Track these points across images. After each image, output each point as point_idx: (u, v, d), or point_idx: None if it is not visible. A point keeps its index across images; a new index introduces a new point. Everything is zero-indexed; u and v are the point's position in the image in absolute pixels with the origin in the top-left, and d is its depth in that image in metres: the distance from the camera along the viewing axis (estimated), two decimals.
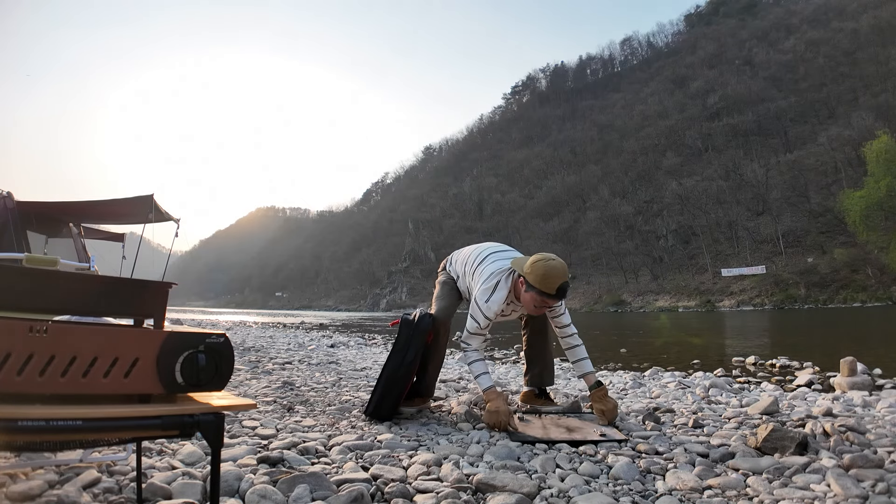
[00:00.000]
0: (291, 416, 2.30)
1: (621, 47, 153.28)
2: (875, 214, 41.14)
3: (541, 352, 2.63)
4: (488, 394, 2.24)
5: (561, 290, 2.16)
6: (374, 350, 7.42)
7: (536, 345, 2.65)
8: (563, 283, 2.16)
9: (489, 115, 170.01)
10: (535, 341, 2.65)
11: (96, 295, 0.97)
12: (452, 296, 2.62)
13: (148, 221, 6.33)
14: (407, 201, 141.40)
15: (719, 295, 55.62)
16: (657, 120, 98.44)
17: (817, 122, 75.71)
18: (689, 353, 7.72)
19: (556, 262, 2.19)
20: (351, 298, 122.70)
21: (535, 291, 2.17)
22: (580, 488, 1.48)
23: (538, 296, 2.17)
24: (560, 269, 2.17)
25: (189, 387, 0.92)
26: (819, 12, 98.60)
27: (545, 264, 2.17)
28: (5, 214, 5.30)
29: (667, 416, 2.49)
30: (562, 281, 2.16)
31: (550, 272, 2.15)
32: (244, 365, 4.38)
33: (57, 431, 0.77)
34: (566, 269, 2.20)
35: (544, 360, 2.62)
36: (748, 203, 69.03)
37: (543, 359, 2.62)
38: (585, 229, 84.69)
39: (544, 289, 2.14)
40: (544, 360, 2.62)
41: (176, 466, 1.49)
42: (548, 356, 2.63)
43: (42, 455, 1.38)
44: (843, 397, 3.29)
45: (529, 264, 2.21)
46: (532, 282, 2.17)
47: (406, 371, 2.27)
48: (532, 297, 2.20)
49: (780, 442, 1.79)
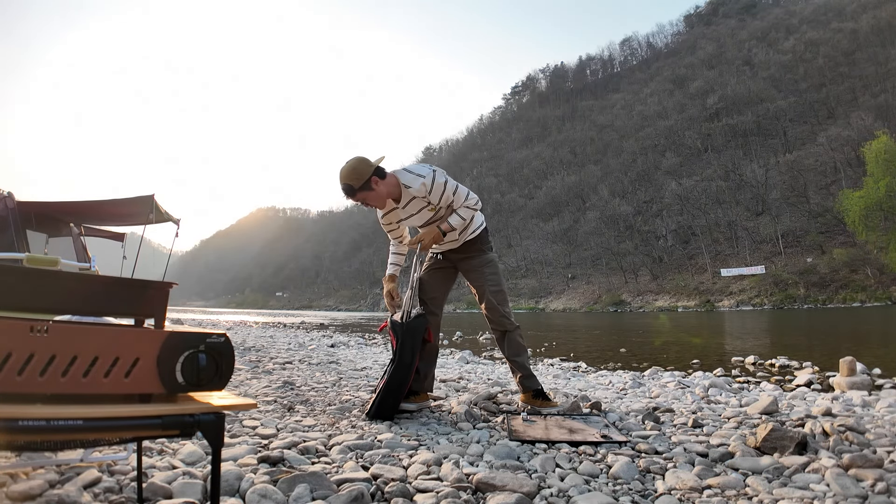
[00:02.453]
0: (292, 416, 2.30)
1: (621, 48, 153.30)
2: (874, 214, 41.15)
3: (511, 359, 2.63)
4: (385, 279, 2.68)
5: (344, 192, 2.32)
6: (375, 350, 7.42)
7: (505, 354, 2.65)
8: (341, 187, 2.32)
9: (489, 115, 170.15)
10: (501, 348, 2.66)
11: (97, 295, 0.97)
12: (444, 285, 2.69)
13: (148, 222, 6.33)
14: None
15: (719, 295, 55.64)
16: (657, 120, 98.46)
17: (817, 122, 75.74)
18: (688, 353, 7.72)
19: (345, 163, 2.31)
20: (351, 298, 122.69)
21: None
22: (580, 488, 1.48)
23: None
24: (341, 171, 2.30)
25: (190, 386, 0.93)
26: (819, 13, 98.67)
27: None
28: (6, 214, 5.30)
29: (666, 415, 2.49)
30: (341, 184, 2.31)
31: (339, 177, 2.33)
32: (245, 365, 4.38)
33: (58, 431, 0.77)
34: (346, 170, 2.28)
35: (516, 370, 2.62)
36: (748, 203, 69.06)
37: (516, 370, 2.62)
38: (585, 229, 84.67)
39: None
40: (516, 370, 2.62)
41: (176, 466, 1.49)
42: (517, 365, 2.61)
43: (43, 455, 1.38)
44: (843, 397, 3.29)
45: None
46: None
47: (406, 374, 2.28)
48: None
49: (779, 442, 1.79)
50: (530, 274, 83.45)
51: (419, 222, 2.53)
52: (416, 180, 2.35)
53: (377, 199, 2.36)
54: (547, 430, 2.10)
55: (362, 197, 2.31)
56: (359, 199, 2.32)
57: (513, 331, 2.62)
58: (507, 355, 2.64)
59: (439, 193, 2.37)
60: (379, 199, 2.36)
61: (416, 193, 2.36)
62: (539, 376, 2.72)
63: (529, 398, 2.58)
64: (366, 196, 2.32)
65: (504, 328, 2.62)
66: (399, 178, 2.36)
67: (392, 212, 2.49)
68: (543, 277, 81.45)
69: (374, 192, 2.31)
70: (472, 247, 2.65)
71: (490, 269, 2.64)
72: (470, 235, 2.63)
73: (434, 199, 2.39)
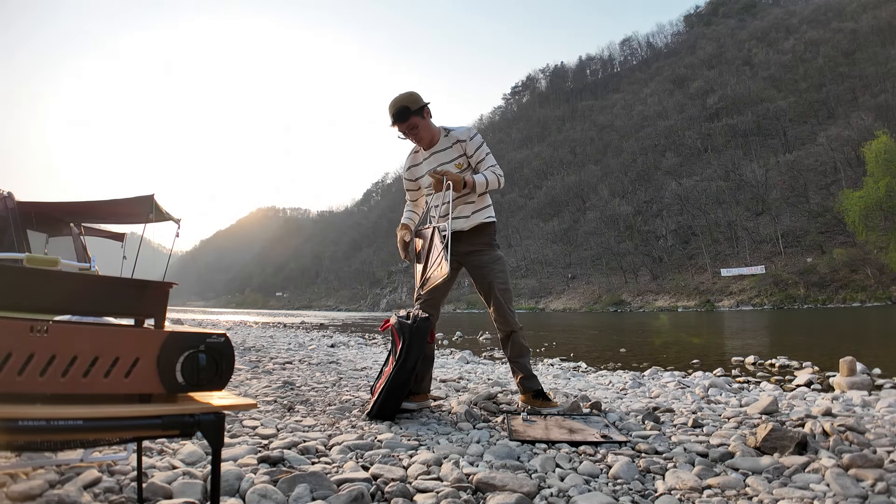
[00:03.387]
0: (292, 416, 2.30)
1: (621, 48, 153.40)
2: (874, 214, 41.18)
3: (514, 360, 2.62)
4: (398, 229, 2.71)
5: (395, 116, 2.40)
6: (375, 350, 7.42)
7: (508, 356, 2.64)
8: (393, 109, 2.40)
9: (489, 115, 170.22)
10: (505, 349, 2.65)
11: (97, 295, 0.97)
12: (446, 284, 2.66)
13: (148, 221, 6.33)
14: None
15: (719, 295, 55.67)
16: (657, 120, 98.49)
17: (816, 122, 75.77)
18: (688, 353, 7.72)
19: (394, 96, 2.44)
20: (351, 298, 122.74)
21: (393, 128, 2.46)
22: (580, 488, 1.48)
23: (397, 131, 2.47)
24: (393, 99, 2.42)
25: (189, 386, 0.93)
26: (818, 13, 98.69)
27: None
28: (6, 214, 5.30)
29: (666, 415, 2.49)
30: (393, 108, 2.40)
31: (388, 105, 2.42)
32: (244, 365, 4.38)
33: (58, 431, 0.77)
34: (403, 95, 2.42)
35: (518, 371, 2.61)
36: (747, 203, 69.08)
37: (518, 370, 2.61)
38: (585, 229, 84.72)
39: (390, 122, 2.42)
40: (518, 371, 2.61)
41: (176, 466, 1.49)
42: (520, 366, 2.60)
43: (43, 455, 1.38)
44: (843, 397, 3.29)
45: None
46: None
47: (409, 375, 2.27)
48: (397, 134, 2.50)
49: (779, 441, 1.79)
50: (530, 274, 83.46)
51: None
52: (462, 127, 2.54)
53: (426, 129, 2.47)
54: (547, 430, 2.10)
55: (414, 122, 2.42)
56: (410, 124, 2.42)
57: (518, 332, 2.60)
58: (509, 356, 2.63)
59: (476, 146, 2.52)
60: (427, 129, 2.47)
61: (459, 136, 2.49)
62: (539, 376, 2.72)
63: (529, 398, 2.57)
64: (417, 123, 2.42)
65: (511, 328, 2.58)
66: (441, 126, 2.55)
67: (422, 162, 2.58)
68: (543, 277, 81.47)
69: (425, 121, 2.45)
70: (481, 237, 2.59)
71: (499, 267, 2.59)
72: (483, 219, 2.59)
73: (470, 150, 2.51)
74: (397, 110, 2.39)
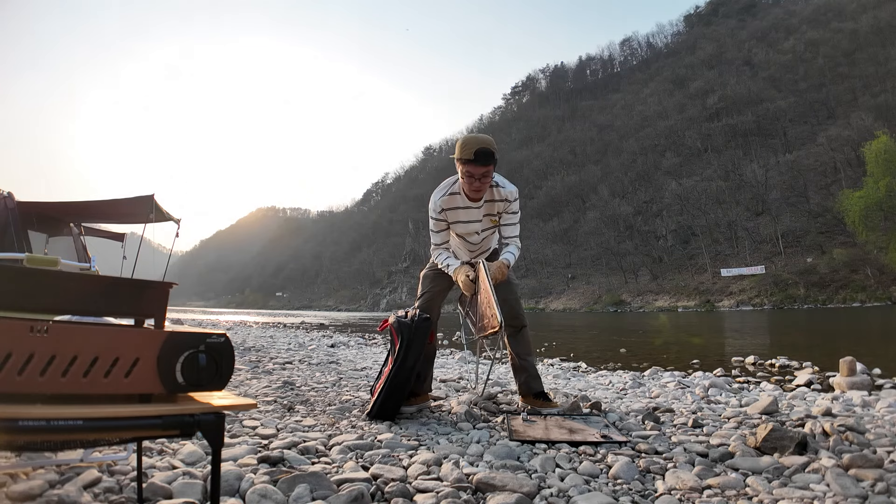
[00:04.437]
0: (292, 416, 2.30)
1: (621, 48, 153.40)
2: (874, 214, 41.19)
3: (523, 357, 2.63)
4: (455, 271, 2.45)
5: (479, 154, 2.16)
6: (374, 350, 7.42)
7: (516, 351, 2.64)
8: (480, 147, 2.16)
9: (489, 115, 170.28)
10: (513, 344, 2.65)
11: (97, 295, 0.97)
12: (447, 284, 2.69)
13: (148, 221, 6.33)
14: (407, 201, 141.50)
15: (719, 295, 55.67)
16: (657, 120, 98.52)
17: (816, 122, 75.77)
18: (688, 353, 7.72)
19: (475, 134, 2.27)
20: (351, 298, 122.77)
21: (461, 163, 2.22)
22: (580, 488, 1.48)
23: (463, 167, 2.23)
24: (477, 136, 2.22)
25: (190, 386, 0.93)
26: (818, 13, 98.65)
27: (465, 135, 2.26)
28: (6, 214, 5.30)
29: (666, 415, 2.49)
30: (479, 146, 2.17)
31: (468, 140, 2.21)
32: (244, 365, 4.38)
33: (58, 431, 0.77)
34: (489, 138, 2.24)
35: (525, 368, 2.62)
36: (747, 203, 69.09)
37: (525, 368, 2.62)
38: (585, 229, 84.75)
39: (463, 155, 2.19)
40: (525, 368, 2.62)
41: (176, 466, 1.49)
42: (528, 363, 2.62)
43: (43, 455, 1.37)
44: (843, 397, 3.29)
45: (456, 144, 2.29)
46: (456, 155, 2.24)
47: (408, 375, 2.27)
48: (462, 171, 2.27)
49: (779, 442, 1.79)
50: (530, 274, 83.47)
51: (475, 228, 2.51)
52: (510, 185, 2.42)
53: (489, 177, 2.31)
54: (547, 431, 2.10)
55: (491, 170, 2.29)
56: (488, 171, 2.26)
57: (527, 326, 2.66)
58: (518, 352, 2.63)
59: (515, 209, 2.46)
60: (489, 177, 2.31)
61: (505, 196, 2.40)
62: (540, 377, 2.72)
63: (530, 398, 2.57)
64: (490, 170, 2.27)
65: (522, 323, 2.64)
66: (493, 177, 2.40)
67: (460, 209, 2.44)
68: (543, 277, 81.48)
69: (493, 169, 2.31)
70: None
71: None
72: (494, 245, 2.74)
73: (509, 210, 2.44)
74: (486, 151, 2.17)
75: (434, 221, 2.47)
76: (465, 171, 2.24)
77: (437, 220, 2.45)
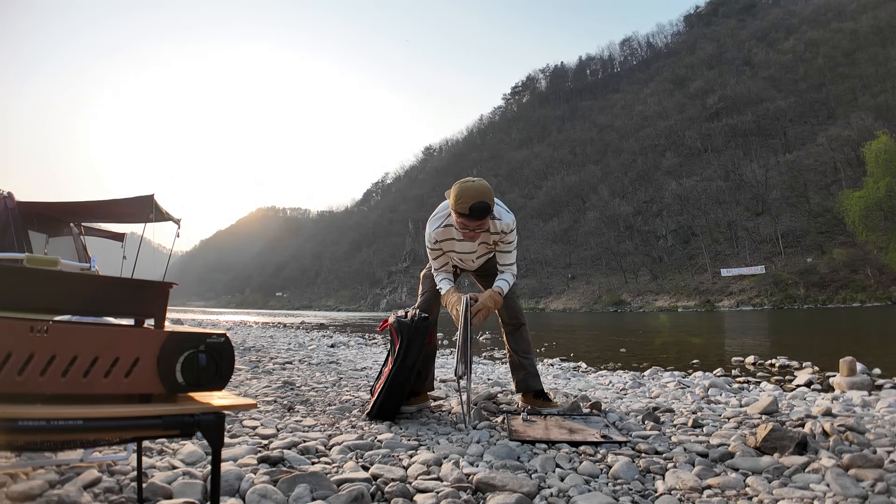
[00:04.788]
0: (292, 416, 2.30)
1: (621, 48, 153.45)
2: (874, 214, 41.20)
3: (523, 355, 2.63)
4: (445, 296, 2.42)
5: (474, 210, 2.10)
6: (374, 350, 7.42)
7: (514, 349, 2.64)
8: (475, 203, 2.09)
9: (489, 115, 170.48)
10: (511, 342, 2.65)
11: (97, 295, 0.97)
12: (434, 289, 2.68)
13: (148, 221, 6.34)
14: (407, 201, 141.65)
15: (719, 295, 55.67)
16: (657, 120, 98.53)
17: (816, 122, 75.77)
18: (688, 353, 7.72)
19: (472, 182, 2.15)
20: (351, 298, 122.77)
21: (456, 213, 2.18)
22: (580, 488, 1.48)
23: (458, 218, 2.19)
24: (473, 188, 2.12)
25: (190, 386, 0.93)
26: (818, 13, 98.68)
27: (460, 185, 2.16)
28: (6, 214, 5.30)
29: (666, 415, 2.49)
30: (474, 200, 2.09)
31: (463, 192, 2.12)
32: (244, 365, 4.38)
33: (58, 431, 0.77)
34: (485, 189, 2.12)
35: (524, 366, 2.62)
36: (747, 203, 69.09)
37: (523, 366, 2.62)
38: (585, 229, 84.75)
39: (458, 209, 2.14)
40: (524, 366, 2.62)
41: (176, 466, 1.49)
42: (527, 361, 2.62)
43: (43, 455, 1.38)
44: (843, 397, 3.29)
45: (451, 189, 2.21)
46: (451, 204, 2.20)
47: (408, 375, 2.27)
48: (456, 219, 2.22)
49: (779, 442, 1.79)
50: (530, 274, 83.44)
51: (470, 257, 2.50)
52: (508, 216, 2.35)
53: (485, 226, 2.25)
54: (547, 430, 2.10)
55: (486, 221, 2.20)
56: (483, 223, 2.18)
57: (525, 325, 2.66)
58: (516, 350, 2.63)
59: (511, 239, 2.41)
60: (485, 226, 2.24)
61: (501, 228, 2.34)
62: (539, 376, 2.72)
63: (530, 398, 2.58)
64: (485, 222, 2.20)
65: (520, 322, 2.64)
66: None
67: (455, 241, 2.40)
68: (543, 277, 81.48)
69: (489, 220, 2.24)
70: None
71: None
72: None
73: (504, 240, 2.40)
74: (482, 207, 2.10)
75: (430, 251, 2.47)
76: (460, 223, 2.20)
77: (433, 249, 2.46)
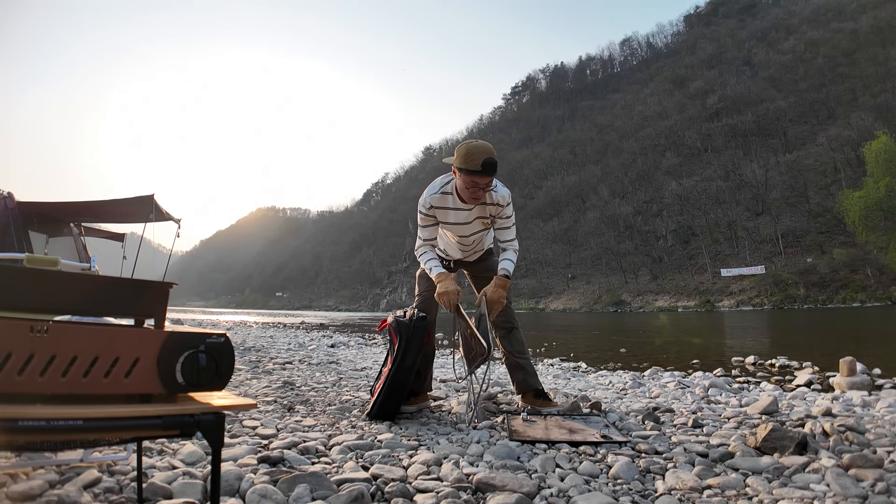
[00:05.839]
0: (292, 416, 2.30)
1: (621, 48, 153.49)
2: (874, 214, 41.20)
3: (518, 356, 2.63)
4: (438, 276, 2.37)
5: (486, 164, 2.12)
6: (374, 350, 7.42)
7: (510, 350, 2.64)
8: (487, 158, 2.12)
9: (489, 115, 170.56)
10: (506, 344, 2.65)
11: (97, 295, 0.97)
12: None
13: (148, 221, 6.34)
14: (407, 201, 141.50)
15: (719, 295, 55.65)
16: (657, 120, 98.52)
17: (816, 122, 75.76)
18: (688, 353, 7.72)
19: (479, 141, 2.22)
20: (351, 298, 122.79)
21: (464, 173, 2.18)
22: (580, 488, 1.48)
23: (467, 177, 2.18)
24: (482, 145, 2.17)
25: (190, 386, 0.92)
26: (818, 13, 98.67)
27: (467, 144, 2.20)
28: (6, 214, 5.30)
29: (666, 415, 2.49)
30: (486, 156, 2.12)
31: (472, 149, 2.14)
32: (244, 365, 4.38)
33: (58, 431, 0.77)
34: (492, 147, 2.19)
35: (522, 366, 2.61)
36: (747, 203, 69.09)
37: (521, 366, 2.62)
38: (585, 229, 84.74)
39: (469, 166, 2.14)
40: (522, 366, 2.62)
41: (176, 466, 1.49)
42: (524, 361, 2.62)
43: (43, 455, 1.38)
44: (843, 397, 3.29)
45: (455, 150, 2.22)
46: (458, 164, 2.19)
47: (407, 375, 2.27)
48: (463, 181, 2.22)
49: (779, 442, 1.79)
50: (530, 274, 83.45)
51: (466, 231, 2.48)
52: (502, 189, 2.37)
53: (491, 185, 2.28)
54: (547, 430, 2.10)
55: (492, 179, 2.24)
56: (490, 181, 2.22)
57: (518, 328, 2.66)
58: (512, 352, 2.63)
59: (509, 213, 2.43)
60: (491, 185, 2.28)
61: (497, 200, 2.35)
62: (539, 376, 2.72)
63: (530, 398, 2.57)
64: (493, 179, 2.24)
65: (512, 324, 2.65)
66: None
67: (450, 210, 2.39)
68: (543, 277, 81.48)
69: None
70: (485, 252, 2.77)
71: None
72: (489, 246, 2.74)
73: (502, 214, 2.41)
74: (493, 162, 2.13)
75: (422, 217, 2.43)
76: (471, 181, 2.19)
77: (425, 215, 2.42)
